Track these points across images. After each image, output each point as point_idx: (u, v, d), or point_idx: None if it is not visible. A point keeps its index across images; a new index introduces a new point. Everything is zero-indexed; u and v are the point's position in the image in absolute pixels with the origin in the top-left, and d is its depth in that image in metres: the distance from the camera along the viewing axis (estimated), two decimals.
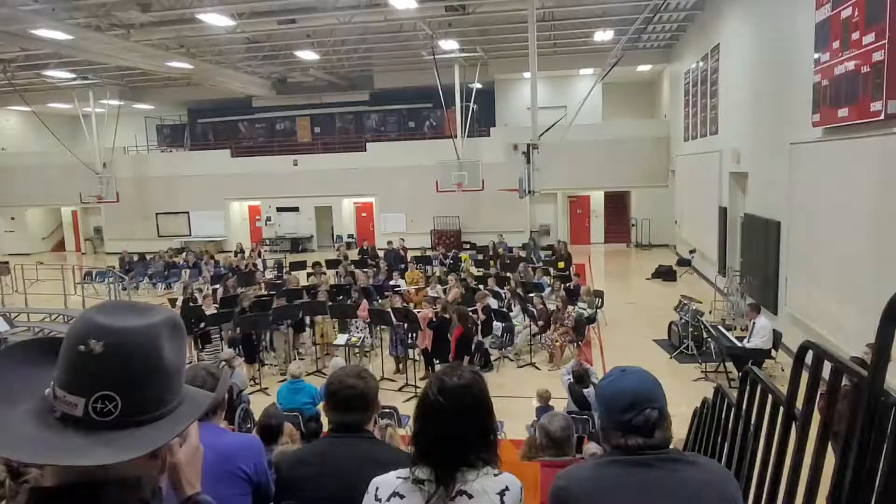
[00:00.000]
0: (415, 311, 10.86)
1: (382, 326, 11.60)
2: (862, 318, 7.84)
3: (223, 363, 8.53)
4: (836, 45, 8.46)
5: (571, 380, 7.65)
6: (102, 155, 25.87)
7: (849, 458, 1.39)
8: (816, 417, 1.76)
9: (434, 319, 10.03)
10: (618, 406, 1.61)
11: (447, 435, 1.69)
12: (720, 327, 10.95)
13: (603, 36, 19.35)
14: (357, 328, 11.48)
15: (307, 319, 12.20)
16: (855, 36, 7.86)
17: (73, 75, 22.74)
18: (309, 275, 15.97)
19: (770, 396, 2.09)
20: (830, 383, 1.61)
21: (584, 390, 7.47)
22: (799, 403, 1.88)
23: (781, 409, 1.94)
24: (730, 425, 2.69)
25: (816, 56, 9.15)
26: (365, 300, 11.99)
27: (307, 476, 2.27)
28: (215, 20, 15.27)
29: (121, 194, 26.58)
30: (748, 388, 2.37)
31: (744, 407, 2.39)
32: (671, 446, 1.67)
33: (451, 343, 9.99)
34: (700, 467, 1.57)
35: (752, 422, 2.30)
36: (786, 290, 10.83)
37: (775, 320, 10.98)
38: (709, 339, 10.88)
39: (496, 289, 13.59)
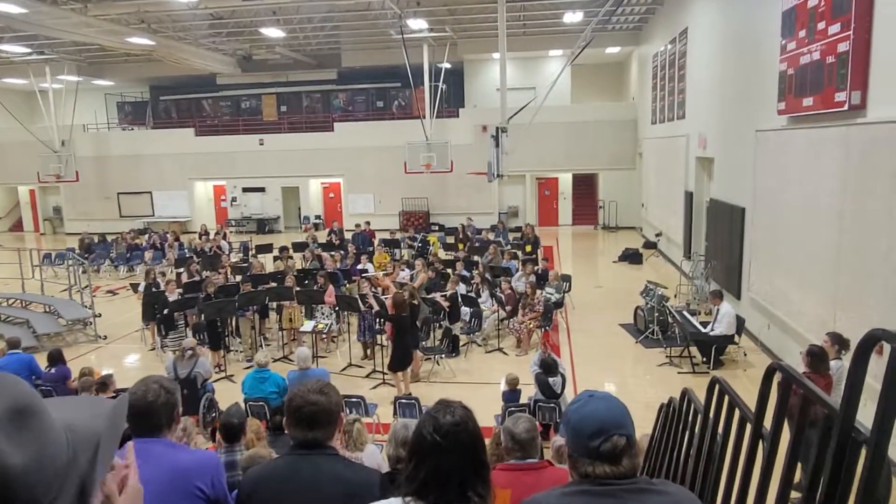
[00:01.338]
0: (383, 296, 10.77)
1: (350, 312, 11.51)
2: (821, 306, 8.02)
3: (189, 351, 8.37)
4: (802, 34, 8.53)
5: (538, 370, 7.68)
6: (61, 132, 25.01)
7: (816, 494, 1.37)
8: (785, 439, 1.75)
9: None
10: (585, 432, 1.57)
11: (444, 473, 1.70)
12: (685, 312, 11.11)
13: (572, 17, 19.25)
14: (324, 314, 11.37)
15: (273, 304, 12.03)
16: (821, 26, 7.92)
17: (29, 50, 21.85)
18: (275, 258, 15.74)
19: (737, 410, 2.08)
20: (800, 411, 1.59)
21: (551, 379, 7.51)
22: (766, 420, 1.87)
23: (749, 425, 1.93)
24: (696, 429, 2.69)
25: (783, 44, 9.22)
26: (331, 286, 11.85)
27: (271, 495, 2.21)
28: None
29: (81, 173, 25.80)
30: (715, 397, 2.36)
31: (710, 416, 2.38)
32: (639, 456, 1.64)
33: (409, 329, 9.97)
34: (667, 496, 1.55)
35: (720, 431, 2.30)
36: (749, 276, 11.02)
37: (738, 305, 11.18)
38: (674, 324, 11.03)
39: (464, 273, 13.58)
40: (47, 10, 15.25)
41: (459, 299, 11.45)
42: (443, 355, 10.55)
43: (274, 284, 12.21)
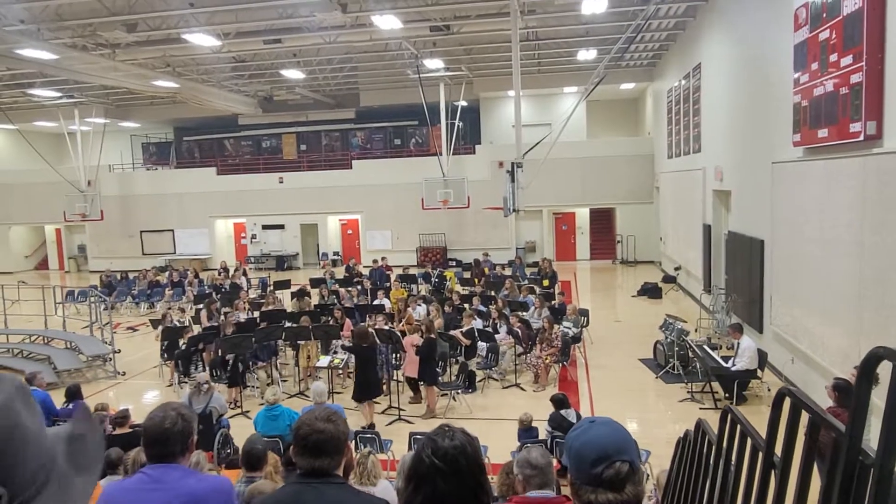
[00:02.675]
0: (398, 332, 10.76)
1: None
2: (845, 338, 7.86)
3: (204, 385, 8.39)
4: (814, 66, 8.55)
5: (549, 428, 7.58)
6: (87, 173, 25.64)
7: None
8: (797, 463, 1.71)
9: (420, 344, 9.95)
10: (587, 458, 1.55)
11: (442, 497, 1.69)
12: (706, 347, 10.93)
13: (586, 55, 19.52)
14: (341, 349, 11.35)
15: (289, 342, 12.03)
16: (833, 58, 7.95)
17: (59, 94, 22.61)
18: (293, 295, 15.80)
19: (749, 439, 2.04)
20: (808, 435, 1.56)
21: (563, 411, 7.40)
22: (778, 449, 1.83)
23: (761, 454, 1.89)
24: (710, 462, 2.64)
25: (796, 76, 9.25)
26: (348, 320, 11.87)
27: None
28: (201, 40, 15.22)
29: (105, 212, 26.32)
30: (728, 427, 2.32)
31: (724, 446, 2.34)
32: (649, 489, 1.61)
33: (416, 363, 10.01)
34: None
35: (733, 461, 2.25)
36: (770, 309, 10.84)
37: (761, 339, 10.99)
38: (695, 359, 10.85)
39: (481, 308, 13.53)
40: (77, 55, 15.83)
41: (476, 334, 11.39)
42: (459, 391, 10.46)
43: (291, 324, 12.29)
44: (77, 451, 1.03)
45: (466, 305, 13.73)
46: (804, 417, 1.66)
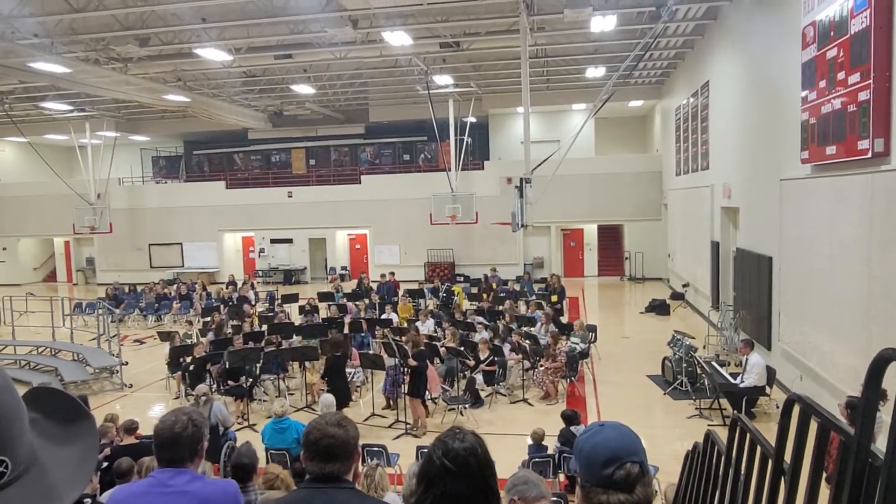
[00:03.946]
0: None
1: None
2: (854, 355, 7.81)
3: (203, 397, 8.38)
4: (822, 84, 8.58)
5: (558, 444, 7.53)
6: (97, 186, 25.88)
7: None
8: (805, 471, 1.71)
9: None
10: (597, 460, 1.56)
11: (453, 498, 1.70)
12: (714, 363, 10.87)
13: (595, 72, 19.63)
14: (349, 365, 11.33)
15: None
16: (841, 76, 7.98)
17: (71, 107, 22.89)
18: (301, 309, 15.82)
19: (759, 447, 2.04)
20: (818, 440, 1.56)
21: (573, 427, 7.37)
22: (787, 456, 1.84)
23: (770, 461, 1.90)
24: (720, 473, 2.63)
25: (804, 94, 9.27)
26: (353, 349, 11.83)
27: None
28: (213, 55, 15.42)
29: (114, 225, 26.51)
30: (737, 436, 2.32)
31: (733, 456, 2.34)
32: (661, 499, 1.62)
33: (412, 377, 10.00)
34: None
35: (742, 471, 2.25)
36: (779, 326, 10.79)
37: (769, 356, 10.93)
38: (703, 375, 10.79)
39: (486, 322, 13.52)
40: (90, 69, 16.04)
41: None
42: (466, 405, 10.42)
43: (298, 339, 12.31)
44: (46, 426, 1.07)
45: (477, 325, 13.73)
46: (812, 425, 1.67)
